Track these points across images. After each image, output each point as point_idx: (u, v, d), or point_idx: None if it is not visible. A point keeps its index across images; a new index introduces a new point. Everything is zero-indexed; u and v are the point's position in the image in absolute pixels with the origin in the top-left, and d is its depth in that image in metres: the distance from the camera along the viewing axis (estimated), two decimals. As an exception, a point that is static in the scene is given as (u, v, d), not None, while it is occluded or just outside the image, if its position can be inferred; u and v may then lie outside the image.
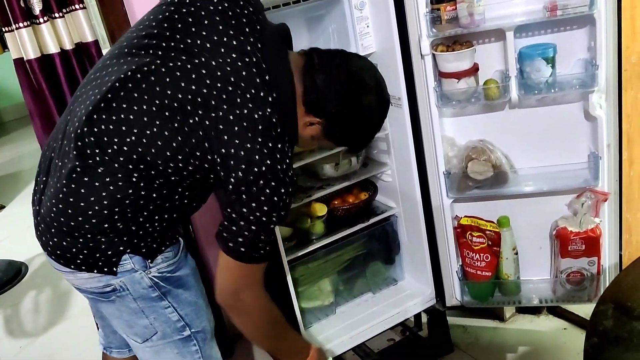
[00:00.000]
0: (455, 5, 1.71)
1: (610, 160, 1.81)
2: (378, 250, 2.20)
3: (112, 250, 1.24)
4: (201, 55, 1.19)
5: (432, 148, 1.93)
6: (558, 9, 1.66)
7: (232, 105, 1.16)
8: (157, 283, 1.30)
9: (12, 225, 3.99)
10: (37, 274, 3.26)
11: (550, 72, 1.76)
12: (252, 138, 1.16)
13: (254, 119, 1.17)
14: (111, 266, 1.26)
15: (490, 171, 1.91)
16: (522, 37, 1.81)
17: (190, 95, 1.16)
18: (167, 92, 1.17)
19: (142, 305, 1.31)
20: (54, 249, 1.27)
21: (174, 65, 1.18)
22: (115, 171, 1.19)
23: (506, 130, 1.95)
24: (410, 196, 2.05)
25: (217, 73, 1.17)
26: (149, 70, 1.18)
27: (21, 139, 5.86)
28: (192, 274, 1.40)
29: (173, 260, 1.34)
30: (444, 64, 1.82)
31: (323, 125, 1.29)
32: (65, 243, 1.24)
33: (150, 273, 1.29)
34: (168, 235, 1.33)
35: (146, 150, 1.17)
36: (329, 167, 2.01)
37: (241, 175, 1.17)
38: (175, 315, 1.34)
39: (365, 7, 1.88)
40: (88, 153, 1.19)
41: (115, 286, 1.28)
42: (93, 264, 1.26)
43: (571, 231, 1.90)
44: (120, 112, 1.18)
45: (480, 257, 2.02)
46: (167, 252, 1.33)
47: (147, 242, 1.28)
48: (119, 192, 1.19)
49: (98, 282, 1.28)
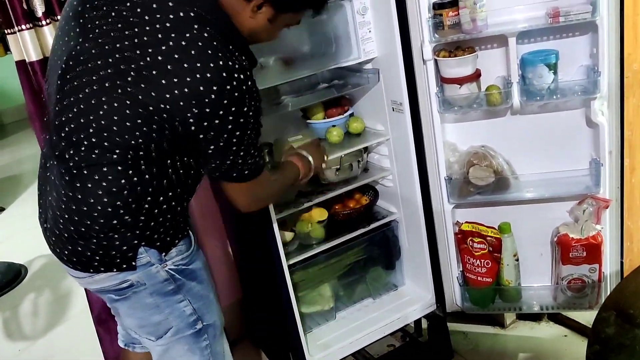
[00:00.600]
0: (458, 11, 1.71)
1: (611, 167, 1.81)
2: (378, 256, 2.20)
3: (127, 245, 1.24)
4: (112, 11, 1.14)
5: (433, 153, 1.93)
6: (560, 16, 1.66)
7: (157, 45, 1.10)
8: (173, 276, 1.31)
9: (11, 228, 3.98)
10: (37, 276, 3.26)
11: (553, 79, 1.76)
12: (189, 69, 1.09)
13: (183, 46, 1.10)
14: (129, 261, 1.26)
15: (492, 177, 1.91)
16: (524, 43, 1.81)
17: (118, 54, 1.11)
18: (98, 64, 1.13)
19: (157, 300, 1.31)
20: (69, 257, 1.28)
21: (94, 35, 1.15)
22: (100, 166, 1.18)
23: (508, 136, 1.95)
24: (411, 201, 2.05)
25: (133, 20, 1.12)
26: (76, 53, 1.16)
27: (22, 142, 5.86)
28: (204, 268, 1.41)
29: (187, 254, 1.34)
30: (446, 69, 1.82)
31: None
32: (80, 248, 1.25)
33: (166, 266, 1.30)
34: (179, 226, 1.33)
35: (110, 132, 1.14)
36: (329, 171, 2.01)
37: (198, 113, 1.12)
38: (189, 309, 1.35)
39: (367, 12, 1.88)
40: (67, 158, 1.19)
41: (132, 281, 1.28)
42: (111, 263, 1.26)
43: (572, 238, 1.90)
44: (73, 107, 1.17)
45: (481, 263, 2.02)
46: (181, 245, 1.33)
47: (160, 234, 1.28)
48: (113, 185, 1.19)
49: (115, 280, 1.28)
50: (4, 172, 5.14)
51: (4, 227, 4.06)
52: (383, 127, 2.06)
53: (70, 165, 1.20)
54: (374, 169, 2.16)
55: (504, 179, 1.92)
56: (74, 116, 1.17)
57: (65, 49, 1.19)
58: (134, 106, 1.13)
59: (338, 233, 2.03)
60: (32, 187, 4.63)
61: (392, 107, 1.97)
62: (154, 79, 1.11)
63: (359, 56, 1.92)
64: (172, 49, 1.10)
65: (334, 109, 2.06)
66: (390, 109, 1.99)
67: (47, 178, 1.29)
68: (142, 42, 1.11)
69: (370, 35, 1.91)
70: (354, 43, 1.92)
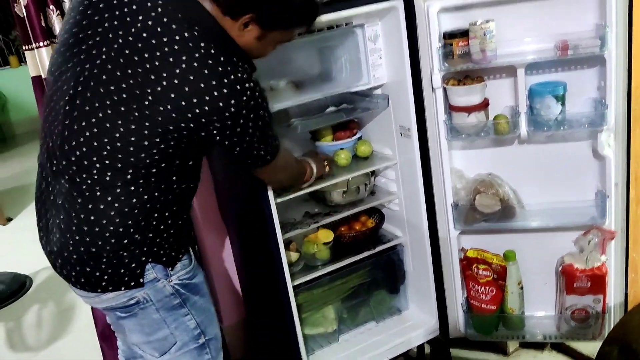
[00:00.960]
0: (468, 41, 1.74)
1: (617, 198, 1.82)
2: (383, 279, 2.20)
3: (136, 262, 1.26)
4: (118, 37, 1.16)
5: (440, 179, 1.95)
6: (569, 49, 1.68)
7: (171, 68, 1.12)
8: (178, 290, 1.33)
9: (18, 238, 4.00)
10: (42, 287, 3.27)
11: (560, 110, 1.78)
12: (206, 87, 1.13)
13: (195, 67, 1.13)
14: (137, 278, 1.27)
15: (498, 205, 1.92)
16: (532, 74, 1.83)
17: (131, 79, 1.14)
18: (111, 89, 1.15)
19: (163, 315, 1.33)
20: (77, 279, 1.28)
21: (102, 61, 1.16)
22: (113, 188, 1.20)
23: (515, 165, 1.96)
24: (417, 226, 2.06)
25: (142, 45, 1.14)
26: (85, 79, 1.17)
27: (32, 152, 5.87)
28: (204, 282, 1.44)
29: (190, 268, 1.37)
30: (454, 97, 1.85)
31: (256, 17, 1.21)
32: (88, 269, 1.26)
33: (171, 281, 1.32)
34: (182, 241, 1.36)
35: (125, 153, 1.17)
36: (336, 193, 2.02)
37: (220, 126, 1.18)
38: (192, 322, 1.37)
39: (378, 40, 1.90)
40: (78, 181, 1.21)
41: (138, 298, 1.30)
42: (119, 281, 1.27)
43: (577, 268, 1.91)
44: (85, 131, 1.18)
45: (485, 290, 2.02)
46: (184, 260, 1.36)
47: (165, 249, 1.30)
48: (125, 206, 1.21)
49: (122, 298, 1.29)
50: (13, 181, 5.18)
51: (11, 237, 4.09)
52: (391, 152, 2.08)
53: (83, 188, 1.21)
54: (381, 193, 2.18)
55: (510, 207, 1.93)
56: (86, 140, 1.18)
57: (72, 74, 1.20)
58: (152, 127, 1.15)
59: (343, 255, 2.04)
60: (41, 198, 4.66)
61: (400, 132, 1.99)
62: (173, 101, 1.13)
63: (369, 82, 1.95)
64: (186, 71, 1.13)
65: (343, 132, 2.08)
66: (398, 133, 2.01)
67: (48, 201, 1.30)
68: (154, 66, 1.13)
69: (381, 62, 1.93)
70: (365, 69, 1.94)
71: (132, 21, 1.15)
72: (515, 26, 1.77)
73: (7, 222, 4.29)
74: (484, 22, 1.71)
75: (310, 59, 1.98)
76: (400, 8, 1.78)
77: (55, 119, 1.23)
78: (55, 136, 1.23)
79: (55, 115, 1.23)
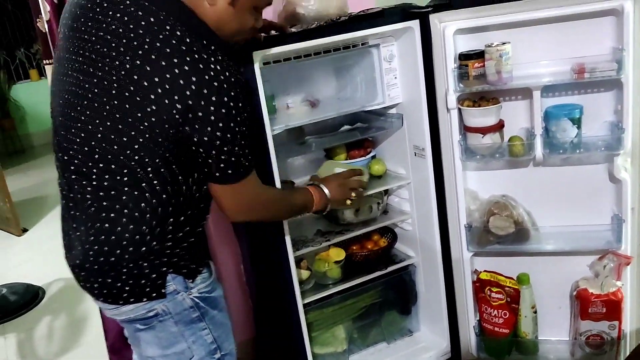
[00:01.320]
0: (484, 62, 1.74)
1: (634, 223, 1.80)
2: (394, 299, 2.19)
3: (156, 273, 1.26)
4: (104, 46, 1.18)
5: (454, 200, 1.94)
6: (586, 72, 1.67)
7: (154, 69, 1.13)
8: (198, 304, 1.32)
9: (32, 249, 4.04)
10: (54, 299, 3.29)
11: (576, 133, 1.77)
12: (187, 83, 1.13)
13: (175, 63, 1.13)
14: (158, 289, 1.27)
15: (512, 227, 1.91)
16: (548, 96, 1.83)
17: (122, 89, 1.15)
18: (104, 100, 1.17)
19: (182, 329, 1.32)
20: (100, 291, 1.29)
21: (93, 72, 1.18)
22: (115, 192, 1.20)
23: (529, 187, 1.95)
24: (430, 247, 2.05)
25: (125, 50, 1.15)
26: (78, 94, 1.20)
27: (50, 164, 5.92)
28: (223, 296, 1.42)
29: (210, 281, 1.36)
30: (469, 118, 1.84)
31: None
32: (110, 280, 1.26)
33: (191, 294, 1.31)
34: (202, 252, 1.35)
35: (121, 154, 1.17)
36: (349, 212, 2.02)
37: (201, 119, 1.14)
38: (210, 337, 1.35)
39: (394, 60, 1.92)
40: (83, 191, 1.23)
41: (157, 310, 1.29)
42: (140, 293, 1.27)
43: (592, 293, 1.88)
44: (77, 138, 1.20)
45: (498, 314, 1.99)
46: (204, 273, 1.34)
47: (185, 260, 1.29)
48: (134, 211, 1.21)
49: (142, 309, 1.29)
50: (29, 193, 5.24)
51: (25, 248, 4.12)
52: (404, 171, 2.08)
53: (90, 197, 1.22)
54: (394, 212, 2.17)
55: (524, 229, 1.91)
56: (80, 147, 1.21)
57: (68, 87, 1.23)
58: (140, 121, 1.15)
59: (355, 274, 2.03)
60: (56, 209, 4.67)
61: (415, 152, 1.99)
62: (158, 101, 1.14)
63: (384, 101, 1.96)
64: (167, 68, 1.13)
65: (357, 150, 2.08)
66: (412, 153, 2.01)
67: (69, 216, 1.31)
68: (141, 71, 1.14)
69: (396, 82, 1.94)
70: (379, 88, 1.95)
71: (115, 27, 1.17)
72: (532, 48, 1.77)
73: (22, 233, 4.33)
74: (500, 44, 1.71)
75: (326, 78, 1.99)
76: (416, 29, 1.79)
77: (56, 134, 1.27)
78: (58, 148, 1.26)
79: (55, 130, 1.28)
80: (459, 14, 1.72)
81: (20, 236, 4.30)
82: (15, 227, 4.30)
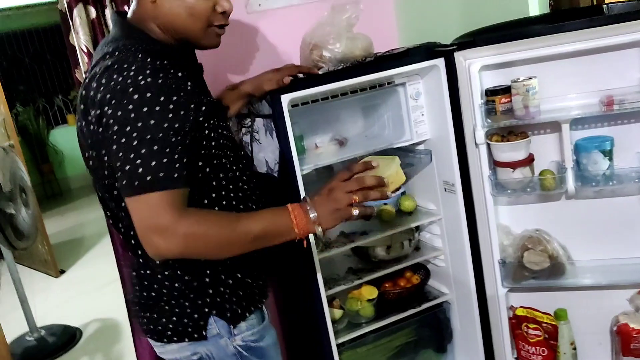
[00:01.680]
0: (510, 97, 1.75)
1: (673, 255, 1.75)
2: (429, 337, 2.15)
3: (198, 313, 1.25)
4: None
5: (486, 236, 1.92)
6: (615, 104, 1.66)
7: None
8: (241, 353, 1.28)
9: (70, 290, 4.12)
10: (91, 339, 3.33)
11: (608, 165, 1.75)
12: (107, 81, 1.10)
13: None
14: (200, 330, 1.25)
15: (547, 262, 1.88)
16: (578, 129, 1.82)
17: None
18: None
19: None
20: (148, 327, 1.29)
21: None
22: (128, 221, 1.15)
23: (563, 221, 1.92)
24: (464, 283, 2.02)
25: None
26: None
27: (86, 206, 6.14)
28: (273, 345, 1.36)
29: (257, 329, 1.31)
30: (498, 153, 1.84)
31: None
32: (155, 315, 1.26)
33: (234, 341, 1.27)
34: (251, 297, 1.30)
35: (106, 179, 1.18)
36: (380, 249, 2.02)
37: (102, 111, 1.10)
38: None
39: (420, 97, 1.94)
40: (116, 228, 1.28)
41: (201, 354, 1.27)
42: (183, 332, 1.25)
43: (633, 328, 1.82)
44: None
45: (536, 351, 1.95)
46: (251, 320, 1.30)
47: (231, 303, 1.26)
48: None
49: (186, 351, 1.27)
50: (67, 235, 5.37)
51: (63, 289, 4.20)
52: (435, 207, 2.08)
53: (122, 232, 1.27)
54: (426, 248, 2.16)
55: (559, 264, 1.88)
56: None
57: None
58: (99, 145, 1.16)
59: (388, 312, 2.02)
60: (93, 250, 4.81)
61: (445, 188, 1.99)
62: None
63: (412, 138, 1.97)
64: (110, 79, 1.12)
65: (386, 187, 2.09)
66: (442, 189, 2.01)
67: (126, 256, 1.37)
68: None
69: (423, 119, 1.96)
70: (407, 125, 1.97)
71: None
72: (558, 82, 1.77)
73: (59, 274, 4.42)
74: (527, 79, 1.71)
75: (353, 116, 2.02)
76: (441, 66, 1.82)
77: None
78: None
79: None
80: (483, 50, 1.74)
81: (57, 277, 4.39)
82: (53, 269, 4.40)
